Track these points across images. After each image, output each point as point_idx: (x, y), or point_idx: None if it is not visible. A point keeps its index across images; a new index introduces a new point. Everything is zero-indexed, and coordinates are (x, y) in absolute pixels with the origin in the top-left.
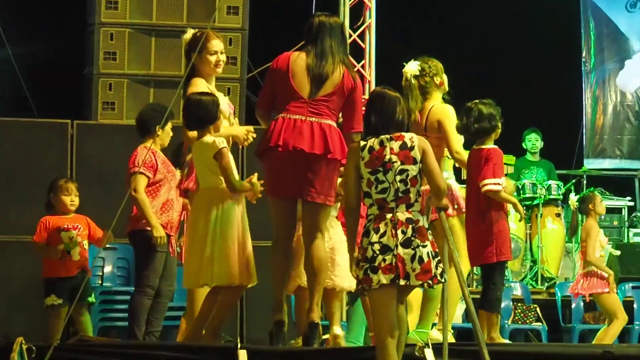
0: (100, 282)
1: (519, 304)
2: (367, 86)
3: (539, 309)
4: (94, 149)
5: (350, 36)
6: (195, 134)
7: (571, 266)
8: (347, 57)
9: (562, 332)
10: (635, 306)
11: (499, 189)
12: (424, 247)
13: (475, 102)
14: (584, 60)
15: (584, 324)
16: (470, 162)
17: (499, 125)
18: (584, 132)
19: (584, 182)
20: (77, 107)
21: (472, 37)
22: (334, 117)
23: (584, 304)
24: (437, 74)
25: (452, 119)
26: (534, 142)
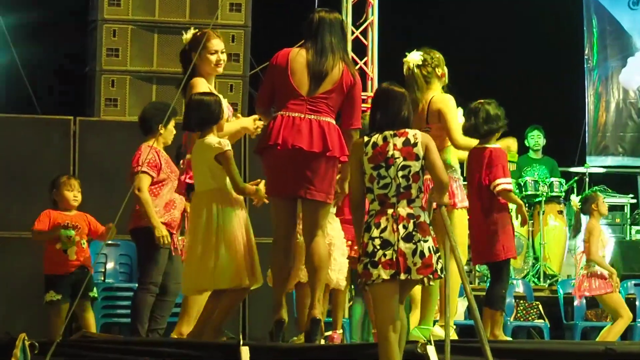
0: (102, 278)
1: (521, 301)
2: (369, 83)
3: (541, 306)
4: (96, 146)
5: (352, 33)
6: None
7: (573, 263)
8: (347, 53)
9: (565, 330)
10: (637, 303)
11: (511, 188)
12: (425, 242)
13: (480, 102)
14: (586, 57)
15: (586, 321)
16: (471, 160)
17: (505, 125)
18: (587, 130)
19: (587, 179)
20: (79, 104)
21: (475, 34)
22: (333, 114)
23: (586, 302)
24: (439, 65)
25: (453, 108)
26: (536, 139)
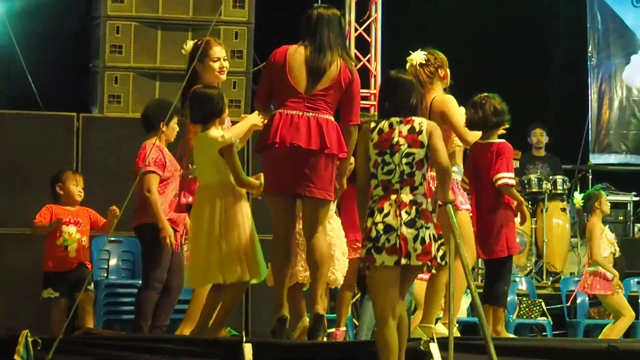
0: (105, 275)
1: (524, 299)
2: (372, 80)
3: (543, 304)
4: (99, 142)
5: (356, 30)
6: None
7: (576, 261)
8: (346, 49)
9: (567, 327)
10: None
11: (513, 183)
12: (427, 228)
13: (484, 95)
14: (590, 55)
15: (588, 319)
16: (476, 155)
17: (509, 120)
18: (590, 127)
19: (590, 177)
20: (82, 101)
21: (478, 31)
22: (332, 111)
23: (589, 299)
24: (442, 66)
25: (456, 108)
26: (539, 137)
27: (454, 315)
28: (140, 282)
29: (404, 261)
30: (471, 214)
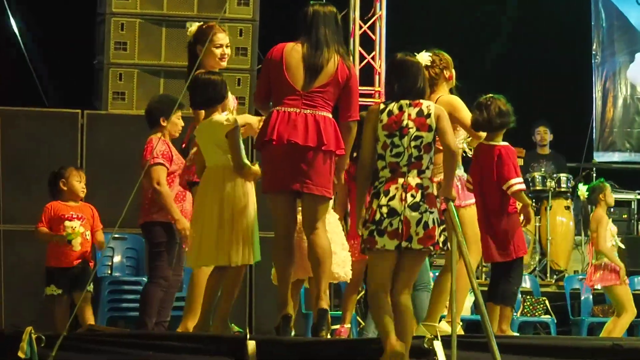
0: (109, 272)
1: (528, 297)
2: (377, 78)
3: (547, 302)
4: (104, 139)
5: (360, 27)
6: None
7: (580, 259)
8: (342, 46)
9: (571, 325)
10: None
11: (524, 187)
12: (431, 213)
13: (490, 96)
14: (594, 53)
15: (592, 317)
16: (480, 157)
17: (515, 121)
18: (594, 125)
19: (594, 175)
20: (87, 97)
21: (483, 30)
22: (330, 107)
23: (593, 297)
24: (447, 67)
25: (462, 106)
26: (542, 135)
27: (457, 313)
28: (143, 279)
29: (404, 244)
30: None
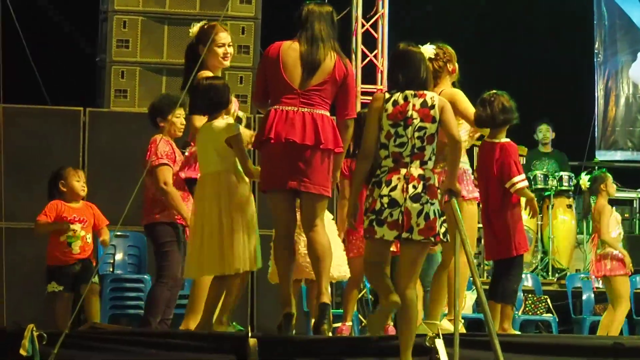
0: (111, 269)
1: (530, 295)
2: (379, 76)
3: (549, 300)
4: (106, 137)
5: (363, 26)
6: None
7: (582, 257)
8: (337, 43)
9: (573, 324)
10: None
11: (526, 184)
12: (432, 204)
13: (493, 93)
14: (596, 51)
15: (594, 316)
16: (483, 155)
17: (518, 118)
18: (596, 124)
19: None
20: (89, 95)
21: (485, 28)
22: (327, 105)
23: (595, 296)
24: (451, 61)
25: (464, 98)
26: (545, 133)
27: (459, 311)
28: (145, 276)
29: (405, 235)
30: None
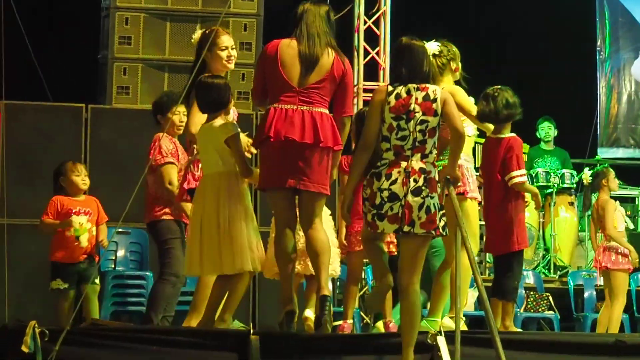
0: (113, 266)
1: (532, 293)
2: (381, 73)
3: (551, 298)
4: (108, 134)
5: (365, 23)
6: (201, 120)
7: (584, 255)
8: (335, 41)
9: (575, 321)
10: None
11: (525, 180)
12: (432, 198)
13: (497, 88)
14: (598, 49)
15: (596, 313)
16: (487, 151)
17: (521, 113)
18: (598, 121)
19: None
20: (91, 92)
21: (487, 25)
22: (326, 103)
23: (597, 293)
24: (454, 59)
25: (465, 96)
26: (547, 130)
27: (460, 308)
28: (147, 273)
29: (406, 229)
30: (481, 204)
